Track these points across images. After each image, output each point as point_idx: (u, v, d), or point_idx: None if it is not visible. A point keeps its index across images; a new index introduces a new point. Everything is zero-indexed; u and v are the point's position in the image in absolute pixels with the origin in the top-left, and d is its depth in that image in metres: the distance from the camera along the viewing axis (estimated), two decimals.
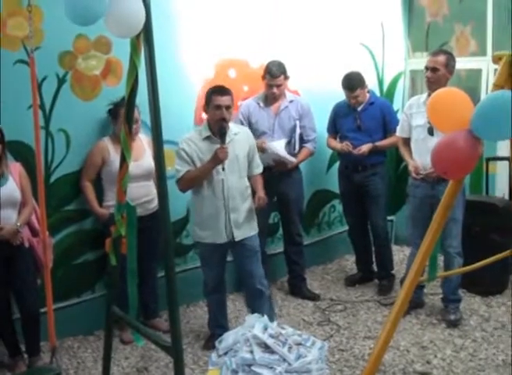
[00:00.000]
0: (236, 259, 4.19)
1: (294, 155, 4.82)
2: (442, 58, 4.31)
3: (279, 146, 4.68)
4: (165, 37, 4.29)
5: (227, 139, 3.90)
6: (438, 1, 6.05)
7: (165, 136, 2.73)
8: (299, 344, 3.10)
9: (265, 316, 3.28)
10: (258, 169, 4.16)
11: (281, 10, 5.08)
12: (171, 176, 4.43)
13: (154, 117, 2.67)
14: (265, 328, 3.09)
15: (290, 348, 3.02)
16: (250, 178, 4.10)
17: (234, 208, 3.95)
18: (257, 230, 4.11)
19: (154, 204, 4.17)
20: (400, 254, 5.81)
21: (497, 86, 3.06)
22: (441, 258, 4.61)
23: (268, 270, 4.93)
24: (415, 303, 4.66)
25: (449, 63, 4.32)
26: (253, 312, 3.85)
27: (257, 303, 3.97)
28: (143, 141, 4.28)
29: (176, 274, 3.26)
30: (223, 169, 3.86)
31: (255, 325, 3.10)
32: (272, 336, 3.03)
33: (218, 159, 3.81)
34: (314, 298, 4.97)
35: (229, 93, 3.92)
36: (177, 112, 4.46)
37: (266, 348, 2.99)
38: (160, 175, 2.75)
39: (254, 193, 4.14)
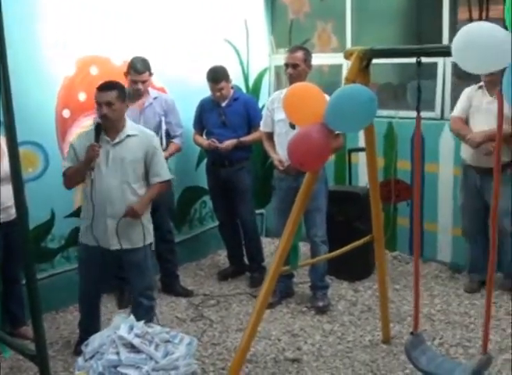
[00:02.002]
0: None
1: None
2: (300, 54, 4.45)
3: None
4: (23, 33, 4.14)
5: (117, 139, 3.73)
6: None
7: (24, 136, 2.64)
8: (167, 341, 3.10)
9: (131, 316, 3.25)
10: (157, 178, 3.85)
11: (144, 6, 5.03)
12: (31, 178, 4.33)
13: (7, 116, 2.55)
14: (131, 328, 3.06)
15: (157, 346, 3.02)
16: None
17: (113, 214, 3.71)
18: (146, 244, 3.87)
19: None
20: (270, 246, 5.93)
21: (349, 80, 3.21)
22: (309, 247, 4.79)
23: None
24: (285, 293, 4.82)
25: (308, 58, 4.49)
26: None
27: (136, 313, 3.68)
28: (1, 143, 4.08)
29: (39, 280, 3.14)
30: (92, 169, 3.68)
31: (121, 326, 3.07)
32: (138, 335, 3.00)
33: (88, 157, 3.65)
34: (187, 294, 4.97)
35: (112, 88, 3.69)
36: (36, 111, 4.32)
37: (132, 348, 2.97)
38: (15, 177, 2.64)
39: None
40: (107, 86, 3.73)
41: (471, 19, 6.11)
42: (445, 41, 5.15)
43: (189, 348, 3.12)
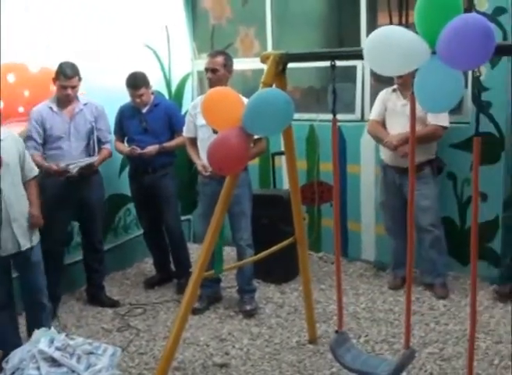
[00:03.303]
0: (20, 272, 3.97)
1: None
2: (220, 58, 4.46)
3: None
4: None
5: None
6: (221, 5, 6.25)
7: None
8: (89, 353, 3.04)
9: (53, 329, 3.17)
10: (32, 172, 3.97)
11: (62, 11, 4.93)
12: None
13: None
14: (52, 341, 2.98)
15: (79, 358, 2.95)
16: (25, 184, 3.91)
17: (15, 218, 3.76)
18: (38, 240, 3.95)
19: None
20: (198, 252, 5.83)
21: (265, 84, 3.23)
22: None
23: (65, 281, 4.82)
24: (213, 298, 4.82)
25: (228, 63, 4.50)
26: (35, 326, 3.66)
27: (41, 317, 3.82)
28: None
29: None
30: None
31: (41, 339, 2.98)
32: (58, 349, 2.93)
33: None
34: (113, 304, 4.88)
35: None
36: None
37: (53, 361, 2.90)
38: None
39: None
40: None
41: (391, 24, 6.26)
42: (363, 45, 5.24)
43: (112, 358, 3.07)
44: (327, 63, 3.17)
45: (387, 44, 2.65)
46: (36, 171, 4.01)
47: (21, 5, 4.67)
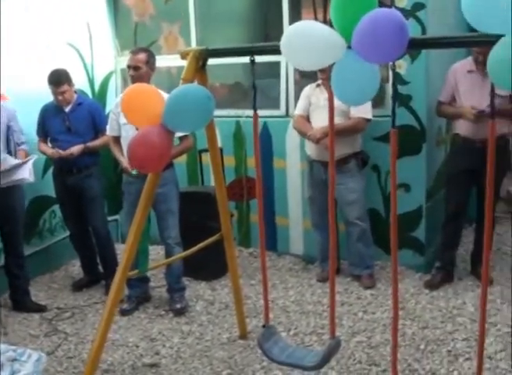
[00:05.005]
0: None
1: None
2: (142, 56, 4.41)
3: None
4: None
5: None
6: (143, 2, 6.18)
7: None
8: (13, 360, 2.96)
9: None
10: None
11: None
12: None
13: None
14: None
15: (2, 365, 2.87)
16: None
17: None
18: None
19: None
20: None
21: (186, 80, 3.22)
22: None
23: None
24: (142, 298, 4.77)
25: (150, 60, 4.44)
26: None
27: None
28: None
29: None
30: None
31: None
32: None
33: None
34: (39, 309, 4.76)
35: None
36: None
37: None
38: None
39: None
40: None
41: (315, 20, 6.34)
42: None
43: (37, 364, 2.99)
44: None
45: (303, 39, 2.67)
46: None
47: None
